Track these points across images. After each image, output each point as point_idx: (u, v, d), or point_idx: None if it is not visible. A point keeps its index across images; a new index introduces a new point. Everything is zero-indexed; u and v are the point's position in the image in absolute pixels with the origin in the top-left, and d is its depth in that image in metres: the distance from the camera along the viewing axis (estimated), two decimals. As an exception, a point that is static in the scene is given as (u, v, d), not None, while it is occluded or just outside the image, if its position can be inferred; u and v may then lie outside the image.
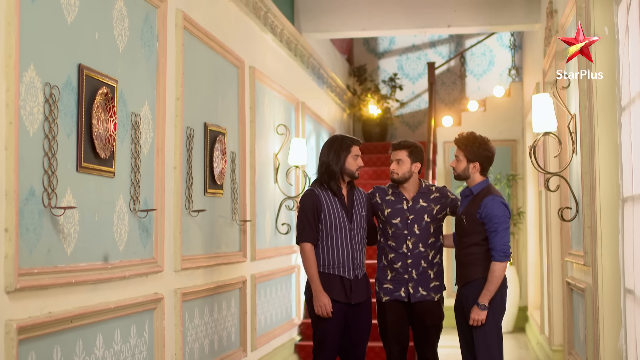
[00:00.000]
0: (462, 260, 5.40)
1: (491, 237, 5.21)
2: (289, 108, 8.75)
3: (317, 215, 5.50)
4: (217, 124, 6.23)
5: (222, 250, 6.36)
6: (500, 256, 5.16)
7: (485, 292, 5.18)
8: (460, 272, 5.45)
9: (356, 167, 5.57)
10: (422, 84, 13.57)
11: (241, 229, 6.85)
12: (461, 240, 5.41)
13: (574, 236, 6.25)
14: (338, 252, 5.52)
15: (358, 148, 5.60)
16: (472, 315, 5.21)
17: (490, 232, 5.22)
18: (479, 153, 5.35)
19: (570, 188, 5.98)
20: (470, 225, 5.30)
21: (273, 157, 8.02)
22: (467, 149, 5.36)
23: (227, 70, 6.60)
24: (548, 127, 5.94)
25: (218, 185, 6.19)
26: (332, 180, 5.55)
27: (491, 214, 5.20)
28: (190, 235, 5.67)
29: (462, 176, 5.41)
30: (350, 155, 5.57)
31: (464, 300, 5.36)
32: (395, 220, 5.66)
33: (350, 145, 5.57)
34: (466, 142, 5.38)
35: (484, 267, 5.25)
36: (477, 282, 5.27)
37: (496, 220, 5.19)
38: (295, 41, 9.02)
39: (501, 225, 5.19)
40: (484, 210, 5.22)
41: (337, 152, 5.57)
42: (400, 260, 5.64)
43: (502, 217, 5.20)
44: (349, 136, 5.62)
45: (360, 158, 5.61)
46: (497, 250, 5.17)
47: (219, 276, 6.25)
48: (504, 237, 5.18)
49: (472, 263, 5.30)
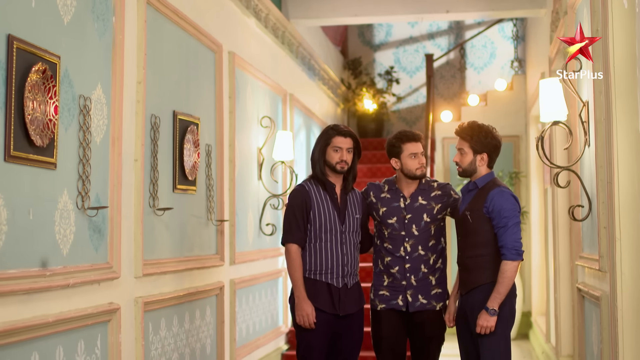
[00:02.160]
0: (467, 263, 4.82)
1: (500, 233, 4.66)
2: (275, 99, 8.12)
3: (305, 214, 4.93)
4: (189, 112, 5.60)
5: (195, 253, 5.73)
6: (512, 254, 4.61)
7: (495, 294, 4.62)
8: (464, 277, 4.86)
9: (336, 160, 4.97)
10: (420, 78, 12.94)
11: (218, 229, 6.21)
12: (465, 241, 4.84)
13: (586, 238, 5.62)
14: (327, 256, 4.94)
15: (344, 140, 4.99)
16: (480, 321, 4.63)
17: (498, 228, 4.67)
18: (487, 143, 4.81)
19: (582, 184, 5.35)
20: (475, 222, 4.74)
21: (257, 151, 7.39)
22: (473, 139, 4.79)
23: (201, 54, 5.97)
24: (558, 115, 5.30)
25: (190, 180, 5.56)
26: (316, 171, 5.01)
27: (499, 207, 4.66)
28: (156, 237, 5.04)
29: (468, 171, 4.84)
30: (330, 147, 4.99)
31: (468, 308, 4.78)
32: (392, 220, 5.06)
33: (332, 136, 5.00)
34: (471, 132, 4.81)
35: (492, 271, 4.70)
36: (485, 288, 4.71)
37: (505, 214, 4.65)
38: (282, 28, 8.38)
39: (511, 220, 4.65)
40: (490, 204, 4.68)
41: (319, 143, 5.04)
42: (398, 265, 5.05)
43: (511, 210, 4.66)
44: (338, 126, 5.03)
45: (345, 151, 4.99)
46: (507, 248, 4.62)
47: (191, 282, 5.62)
48: (514, 233, 4.64)
49: (479, 266, 4.74)
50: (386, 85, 12.80)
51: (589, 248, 5.50)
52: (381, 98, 12.65)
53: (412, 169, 5.06)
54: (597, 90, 4.90)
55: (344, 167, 5.00)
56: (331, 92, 11.46)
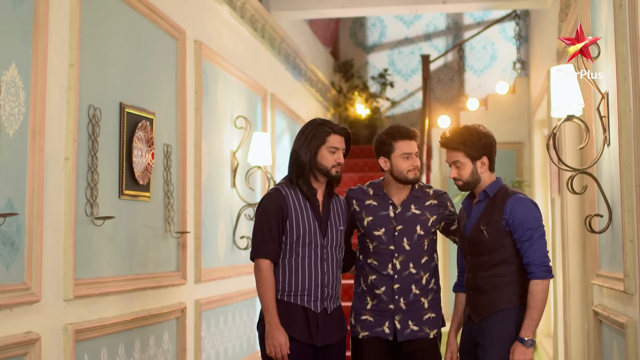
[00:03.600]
0: (482, 285, 4.05)
1: (525, 248, 3.97)
2: (253, 99, 7.32)
3: (281, 224, 4.11)
4: (141, 106, 4.79)
5: (148, 270, 4.92)
6: (542, 272, 3.93)
7: (528, 322, 3.91)
8: (477, 301, 4.08)
9: (332, 163, 4.15)
10: (415, 82, 12.15)
11: (179, 243, 5.40)
12: (479, 260, 4.07)
13: (605, 252, 4.81)
14: (304, 275, 4.13)
15: (340, 139, 4.19)
16: (516, 356, 3.89)
17: (522, 242, 3.98)
18: (482, 144, 4.08)
19: (600, 189, 4.54)
20: (493, 238, 4.01)
21: (230, 155, 6.58)
22: (467, 145, 4.06)
23: (159, 40, 5.17)
24: (572, 109, 4.49)
25: (141, 185, 4.75)
26: (301, 176, 4.16)
27: (521, 218, 3.96)
28: (94, 251, 4.23)
29: (471, 183, 4.11)
30: (324, 147, 4.16)
31: (483, 337, 4.00)
32: (379, 232, 4.27)
33: (328, 134, 4.16)
34: (462, 139, 4.07)
35: (513, 293, 4.00)
36: (506, 314, 3.97)
37: (529, 226, 3.96)
38: (262, 20, 7.59)
39: (536, 232, 3.97)
40: (510, 215, 3.99)
41: (309, 140, 4.17)
42: (385, 285, 4.26)
43: (535, 220, 3.98)
44: (330, 122, 4.21)
45: (341, 153, 4.19)
46: (536, 265, 3.94)
47: (143, 304, 4.80)
48: (541, 246, 3.96)
49: (498, 288, 4.02)
50: (380, 89, 12.04)
51: (609, 265, 4.69)
52: (374, 103, 11.88)
53: (404, 172, 4.27)
54: (620, 77, 4.10)
55: (339, 171, 4.19)
56: (320, 95, 10.66)
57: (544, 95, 8.13)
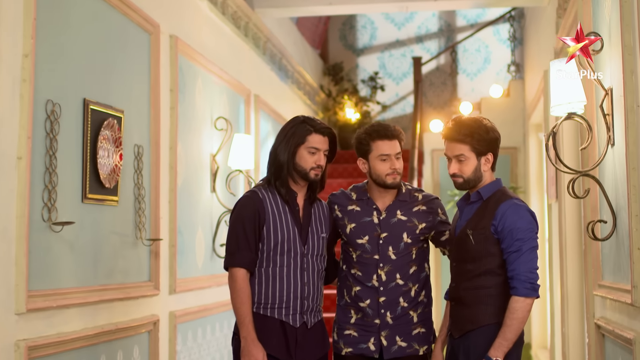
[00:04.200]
0: (464, 297, 3.69)
1: (511, 260, 3.57)
2: (235, 99, 6.96)
3: (257, 229, 3.77)
4: (108, 103, 4.43)
5: (116, 280, 4.55)
6: (526, 288, 3.53)
7: (500, 341, 3.51)
8: (458, 314, 3.72)
9: (311, 165, 3.81)
10: (407, 85, 11.81)
11: (152, 251, 5.03)
12: (463, 268, 3.71)
13: (608, 261, 4.46)
14: (282, 285, 3.79)
15: (322, 140, 3.83)
16: None
17: (509, 252, 3.58)
18: (490, 139, 3.71)
19: (604, 193, 4.19)
20: (479, 244, 3.64)
21: (210, 158, 6.22)
22: (475, 138, 3.67)
23: (130, 33, 4.82)
24: (573, 105, 4.14)
25: (107, 188, 4.38)
26: (279, 178, 3.83)
27: (511, 226, 3.56)
28: (53, 260, 3.86)
29: (472, 182, 3.73)
30: (304, 147, 3.81)
31: (463, 354, 3.65)
32: (362, 240, 3.92)
33: (308, 133, 3.82)
34: (470, 130, 3.67)
35: (497, 308, 3.60)
36: (487, 330, 3.59)
37: (519, 236, 3.57)
38: (245, 18, 7.24)
39: (526, 244, 3.57)
40: (500, 221, 3.60)
41: (288, 138, 3.84)
42: (369, 297, 3.92)
43: (527, 231, 3.58)
44: (314, 120, 3.86)
45: (322, 154, 3.83)
46: (519, 280, 3.54)
47: (110, 317, 4.44)
48: (530, 260, 3.56)
49: (481, 301, 3.63)
50: (370, 92, 11.69)
51: (613, 275, 4.34)
52: (364, 107, 11.53)
53: (382, 176, 3.92)
54: (627, 71, 3.76)
55: (319, 174, 3.85)
56: (308, 99, 10.31)
57: (540, 97, 7.79)
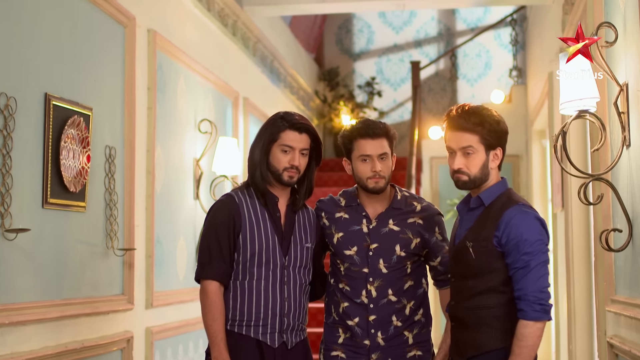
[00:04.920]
0: (464, 317, 3.22)
1: (517, 278, 3.08)
2: (222, 102, 6.58)
3: (232, 237, 3.39)
4: (74, 99, 4.04)
5: (83, 294, 4.16)
6: (535, 311, 3.04)
7: None
8: (459, 337, 3.27)
9: (284, 165, 3.42)
10: (405, 91, 11.43)
11: (125, 261, 4.64)
12: (463, 284, 3.24)
13: (623, 274, 4.06)
14: (259, 301, 3.40)
15: (298, 137, 3.43)
16: None
17: (515, 269, 3.10)
18: (500, 131, 3.22)
19: (619, 199, 3.79)
20: (480, 258, 3.16)
21: (193, 163, 5.83)
22: (485, 128, 3.18)
23: (101, 25, 4.43)
24: (585, 102, 3.75)
25: (72, 193, 3.99)
26: (254, 180, 3.46)
27: (519, 238, 3.06)
28: (4, 272, 3.46)
29: (478, 180, 3.23)
30: (277, 144, 3.43)
31: None
32: (350, 251, 3.52)
33: (282, 129, 3.43)
34: (481, 119, 3.18)
35: (504, 331, 3.12)
36: (494, 357, 3.13)
37: (526, 249, 3.08)
38: (233, 16, 6.86)
39: (535, 258, 3.07)
40: (505, 232, 3.10)
41: (261, 136, 3.48)
42: (358, 315, 3.51)
43: (536, 243, 3.09)
44: (291, 115, 3.47)
45: (299, 154, 3.43)
46: (528, 301, 3.06)
47: (75, 334, 4.04)
48: (540, 278, 3.07)
49: (484, 322, 3.16)
50: (367, 98, 11.30)
51: (629, 289, 3.94)
52: (361, 113, 11.14)
53: (363, 178, 3.51)
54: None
55: (294, 176, 3.44)
56: (302, 104, 9.93)
57: (544, 101, 7.41)
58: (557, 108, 6.51)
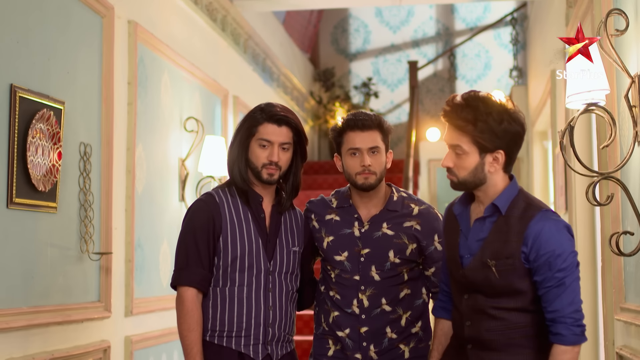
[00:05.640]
0: (493, 340, 2.77)
1: (551, 297, 2.66)
2: (210, 100, 6.30)
3: (212, 240, 3.12)
4: (44, 92, 3.76)
5: (53, 301, 3.87)
6: (575, 335, 2.67)
7: None
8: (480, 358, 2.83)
9: (263, 162, 3.13)
10: (402, 92, 11.18)
11: (102, 266, 4.35)
12: (483, 303, 2.79)
13: (634, 281, 3.79)
14: (241, 309, 3.12)
15: (278, 130, 3.14)
16: None
17: (549, 287, 2.64)
18: (503, 131, 2.72)
19: (630, 199, 3.52)
20: (506, 277, 2.73)
21: (178, 163, 5.55)
22: (478, 127, 2.70)
23: (76, 14, 4.15)
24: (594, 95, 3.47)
25: (42, 193, 3.70)
26: (233, 178, 3.20)
27: (551, 254, 2.64)
28: (-37, 277, 3.19)
29: (470, 184, 2.81)
30: (254, 139, 3.15)
31: None
32: (340, 257, 3.25)
33: (259, 122, 3.14)
34: (475, 115, 2.70)
35: (537, 351, 2.74)
36: None
37: (561, 266, 2.63)
38: (222, 10, 6.59)
39: (570, 275, 2.67)
40: (534, 247, 2.67)
41: (240, 131, 3.21)
42: (349, 326, 3.23)
43: (569, 257, 2.68)
44: (272, 106, 3.19)
45: (279, 148, 3.14)
46: (566, 325, 2.67)
47: (43, 344, 3.76)
48: (575, 296, 2.68)
49: (517, 344, 2.75)
50: (363, 99, 11.07)
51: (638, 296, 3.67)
52: (358, 114, 10.87)
53: (351, 174, 3.24)
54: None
55: (274, 173, 3.16)
56: (296, 105, 9.67)
57: (547, 100, 7.15)
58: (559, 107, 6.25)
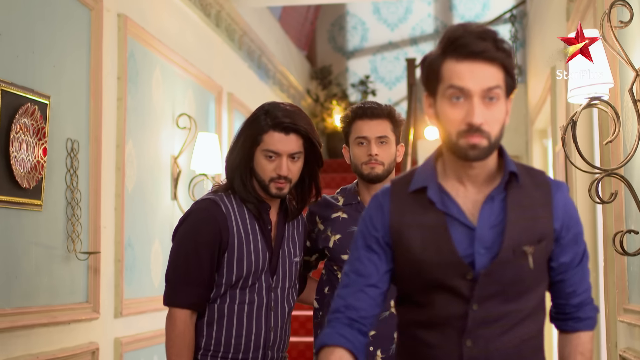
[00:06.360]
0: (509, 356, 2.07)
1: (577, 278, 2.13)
2: (204, 96, 6.17)
3: (216, 257, 2.78)
4: (28, 85, 3.63)
5: (38, 302, 3.74)
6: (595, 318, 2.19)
7: None
8: None
9: (270, 175, 2.80)
10: (400, 90, 11.04)
11: (90, 266, 4.22)
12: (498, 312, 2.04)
13: (638, 281, 3.66)
14: (240, 329, 2.81)
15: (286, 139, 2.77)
16: None
17: (573, 267, 2.11)
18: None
19: (635, 197, 3.39)
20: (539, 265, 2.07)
21: (171, 160, 5.42)
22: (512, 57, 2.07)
23: (62, 6, 4.03)
24: (597, 89, 3.35)
25: (26, 190, 3.58)
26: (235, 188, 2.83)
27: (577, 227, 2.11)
28: (-59, 277, 3.06)
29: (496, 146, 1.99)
30: (259, 149, 2.80)
31: None
32: (347, 256, 3.03)
33: (263, 131, 2.79)
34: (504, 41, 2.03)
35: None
36: None
37: (582, 239, 2.12)
38: (216, 6, 6.47)
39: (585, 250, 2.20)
40: (565, 217, 2.10)
41: (241, 137, 2.86)
42: None
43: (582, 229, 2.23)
44: (277, 109, 2.79)
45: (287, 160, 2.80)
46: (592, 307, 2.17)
47: (27, 347, 3.62)
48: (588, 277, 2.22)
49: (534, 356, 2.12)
50: (361, 97, 10.92)
51: (644, 298, 3.54)
52: (355, 113, 10.74)
53: (358, 164, 3.10)
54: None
55: (283, 187, 2.82)
56: (293, 103, 9.52)
57: (547, 98, 7.02)
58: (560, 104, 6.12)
